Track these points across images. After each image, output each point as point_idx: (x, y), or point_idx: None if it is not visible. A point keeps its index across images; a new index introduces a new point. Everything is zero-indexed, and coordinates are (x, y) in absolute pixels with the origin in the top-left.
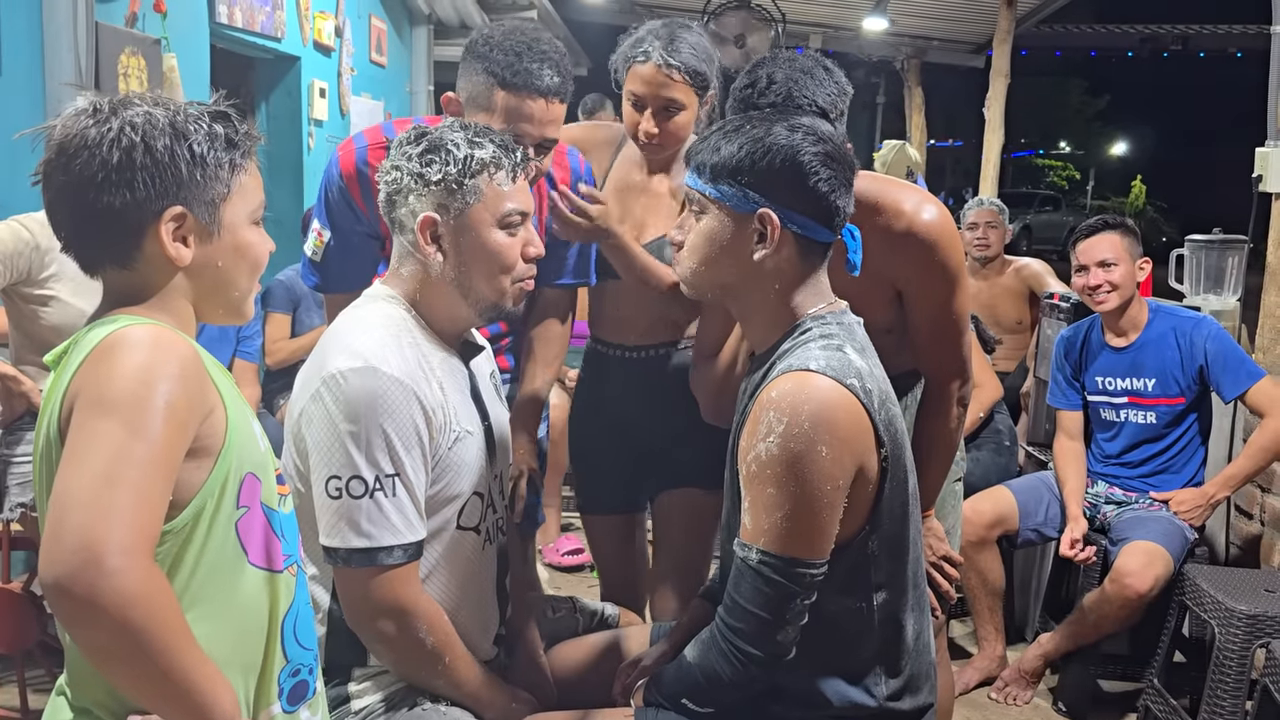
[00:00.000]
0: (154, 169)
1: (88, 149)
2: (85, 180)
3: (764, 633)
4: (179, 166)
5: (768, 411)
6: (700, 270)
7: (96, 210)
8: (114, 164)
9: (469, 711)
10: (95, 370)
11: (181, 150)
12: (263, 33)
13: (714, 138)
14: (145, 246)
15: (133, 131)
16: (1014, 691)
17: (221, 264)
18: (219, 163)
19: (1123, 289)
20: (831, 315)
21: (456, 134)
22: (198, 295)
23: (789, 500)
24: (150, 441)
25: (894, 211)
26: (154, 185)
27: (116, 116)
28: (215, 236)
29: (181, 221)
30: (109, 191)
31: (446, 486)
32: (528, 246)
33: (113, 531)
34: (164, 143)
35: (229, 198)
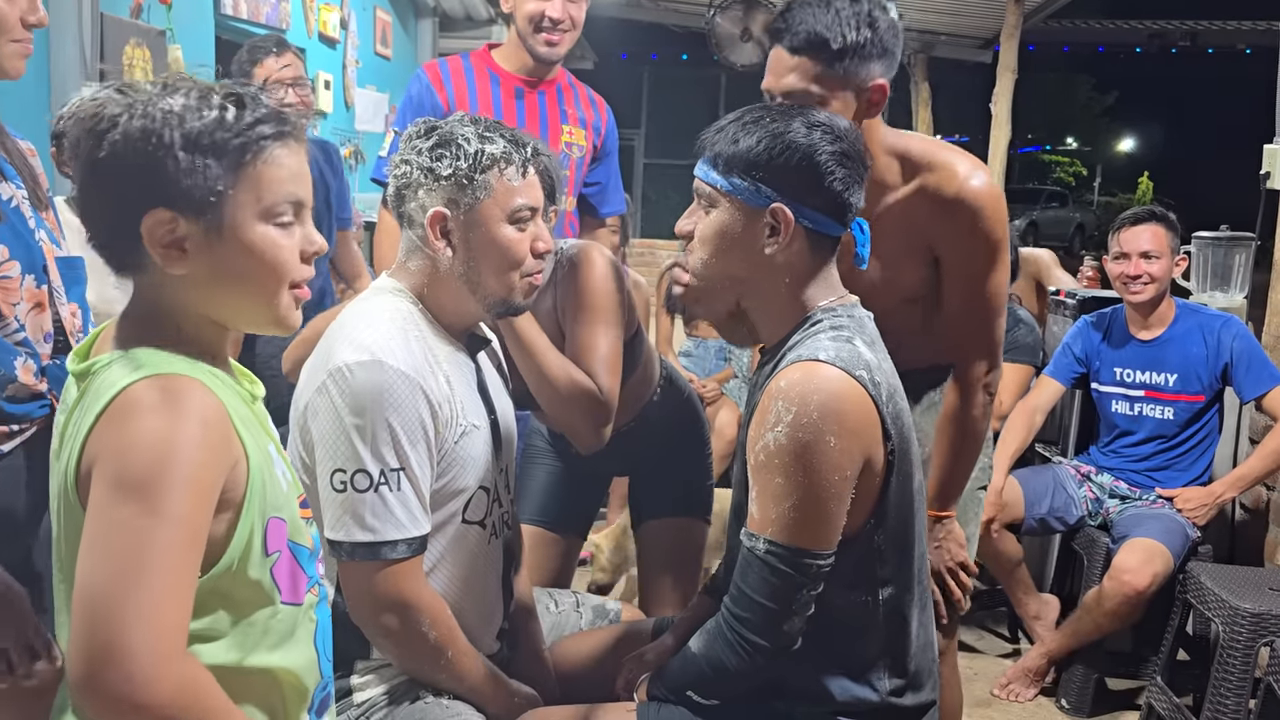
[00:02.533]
0: (134, 166)
1: (90, 137)
2: (80, 175)
3: (770, 623)
4: (162, 162)
5: (776, 401)
6: (711, 263)
7: (91, 213)
8: (100, 159)
9: (471, 705)
10: (111, 437)
11: (169, 140)
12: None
13: (730, 129)
14: (146, 252)
15: (124, 119)
16: (1017, 689)
17: (233, 271)
18: (218, 154)
19: (1160, 282)
20: (842, 308)
21: (467, 129)
22: (219, 307)
23: (797, 490)
24: (175, 522)
25: (948, 173)
26: (136, 184)
27: (119, 103)
28: (220, 241)
29: (172, 226)
30: (96, 190)
31: (452, 480)
32: (537, 242)
33: (144, 637)
34: (149, 131)
35: (232, 196)
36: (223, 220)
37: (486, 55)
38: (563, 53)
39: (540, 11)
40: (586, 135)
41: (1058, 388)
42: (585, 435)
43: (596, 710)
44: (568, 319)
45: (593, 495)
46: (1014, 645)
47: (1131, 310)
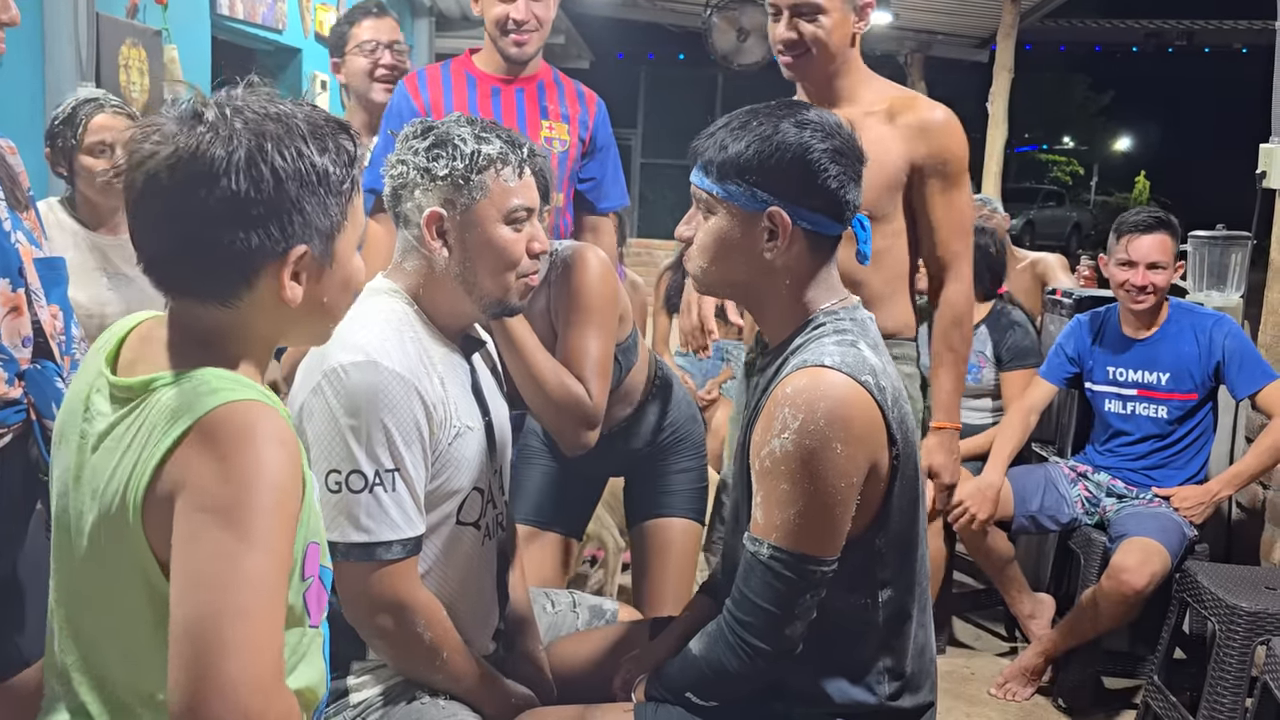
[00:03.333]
0: (282, 202)
1: (210, 173)
2: (204, 210)
3: (772, 627)
4: (306, 199)
5: (783, 407)
6: (711, 269)
7: (213, 245)
8: (240, 196)
9: (467, 706)
10: (203, 464)
11: (310, 176)
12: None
13: (719, 134)
14: (257, 285)
15: (262, 155)
16: (1014, 688)
17: (328, 300)
18: (340, 188)
19: (1163, 292)
20: (844, 310)
21: (463, 129)
22: (293, 330)
23: (802, 496)
24: (271, 551)
25: (911, 97)
26: (280, 221)
27: (245, 130)
28: (327, 271)
29: (302, 260)
30: (229, 227)
31: (447, 482)
32: (533, 242)
33: (248, 667)
34: (293, 167)
35: (344, 226)
36: (335, 253)
37: (466, 59)
38: (531, 52)
39: (505, 14)
40: (570, 130)
41: (1051, 388)
42: (571, 438)
43: (594, 710)
44: (560, 321)
45: (588, 495)
46: (1011, 644)
47: (1125, 310)
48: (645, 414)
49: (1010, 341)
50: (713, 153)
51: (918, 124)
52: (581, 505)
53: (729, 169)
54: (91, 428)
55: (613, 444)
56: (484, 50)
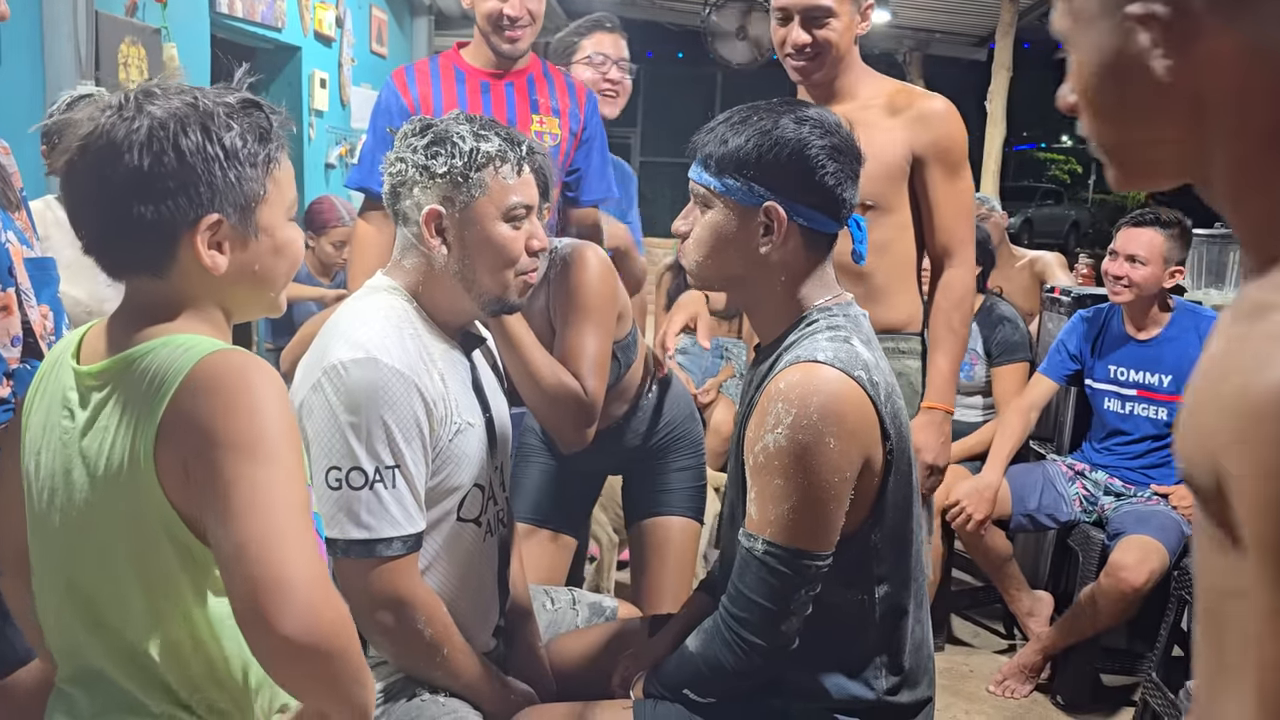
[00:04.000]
0: (186, 175)
1: (115, 151)
2: (113, 186)
3: (768, 623)
4: (212, 170)
5: (776, 403)
6: (706, 263)
7: (127, 218)
8: (145, 170)
9: (467, 703)
10: (206, 405)
11: (214, 151)
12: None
13: (720, 129)
14: (179, 255)
15: (163, 132)
16: (1013, 685)
17: (259, 267)
18: (253, 161)
19: (1141, 289)
20: (838, 307)
21: (462, 126)
22: (232, 299)
23: (796, 492)
24: (294, 473)
25: (909, 89)
26: (187, 193)
27: (143, 113)
28: (252, 240)
29: (217, 229)
30: (140, 200)
31: (447, 478)
32: (531, 240)
33: (307, 573)
34: (196, 143)
35: (265, 197)
36: (258, 223)
37: (455, 54)
38: (524, 48)
39: (498, 10)
40: (561, 124)
41: (1051, 385)
42: (567, 435)
43: (593, 707)
44: (558, 319)
45: (587, 493)
46: (1009, 641)
47: (1124, 309)
48: (644, 412)
49: (1000, 336)
50: (712, 147)
51: (917, 114)
52: (580, 503)
53: (728, 163)
54: (74, 422)
55: (611, 442)
56: (473, 45)
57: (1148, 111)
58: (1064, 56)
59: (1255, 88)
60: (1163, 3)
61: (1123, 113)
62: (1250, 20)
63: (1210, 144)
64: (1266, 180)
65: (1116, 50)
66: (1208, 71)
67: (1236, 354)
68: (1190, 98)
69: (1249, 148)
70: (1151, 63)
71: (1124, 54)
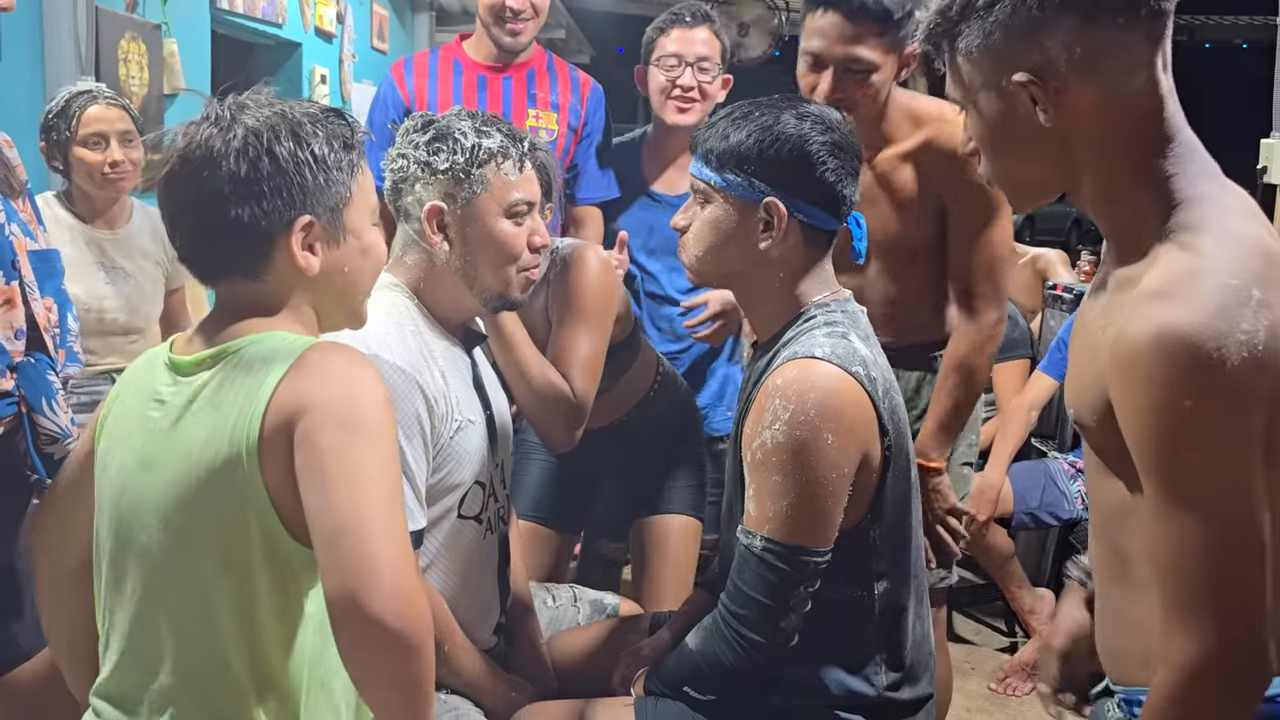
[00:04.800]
0: (279, 177)
1: (213, 160)
2: (212, 193)
3: (767, 619)
4: (304, 174)
5: (773, 399)
6: (705, 259)
7: (224, 223)
8: (241, 175)
9: (469, 700)
10: (316, 389)
11: (305, 156)
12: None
13: (721, 124)
14: (274, 257)
15: (257, 141)
16: (1014, 683)
17: (348, 269)
18: (340, 165)
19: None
20: (836, 303)
21: (464, 123)
22: (321, 302)
23: (794, 488)
24: (393, 459)
25: (956, 125)
26: (282, 195)
27: (238, 124)
28: (341, 241)
29: (309, 230)
30: (236, 204)
31: (448, 475)
32: (533, 236)
33: (397, 557)
34: (288, 149)
35: (351, 200)
36: (346, 225)
37: (456, 46)
38: (525, 41)
39: (501, 2)
40: (560, 119)
41: (1052, 383)
42: (555, 435)
43: (594, 705)
44: (554, 318)
45: (587, 491)
46: (1011, 639)
47: None
48: (647, 411)
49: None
50: (713, 143)
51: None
52: (581, 501)
53: (728, 158)
54: (164, 410)
55: (614, 440)
56: (475, 37)
57: (1032, 152)
58: None
59: (1110, 124)
60: (1036, 71)
61: (1014, 154)
62: (1100, 77)
63: (1080, 168)
64: (1125, 194)
65: (1004, 110)
66: (1075, 118)
67: (1114, 316)
68: (1063, 138)
69: (1110, 170)
70: (1034, 115)
71: (1010, 112)
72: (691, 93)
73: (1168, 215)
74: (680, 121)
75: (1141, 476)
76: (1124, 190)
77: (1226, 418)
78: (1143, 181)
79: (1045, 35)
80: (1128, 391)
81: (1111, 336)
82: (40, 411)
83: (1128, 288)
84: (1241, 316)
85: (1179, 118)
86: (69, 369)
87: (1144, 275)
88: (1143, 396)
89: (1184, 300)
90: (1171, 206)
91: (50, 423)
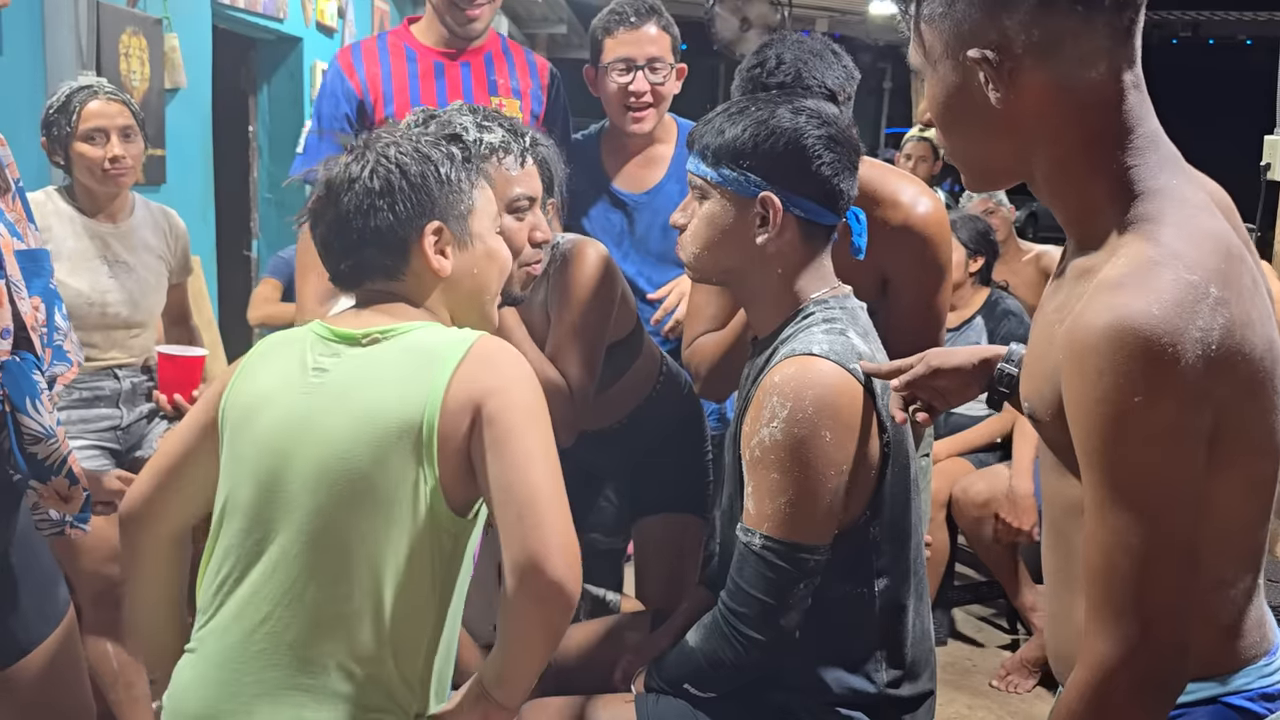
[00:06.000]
0: (410, 190)
1: (353, 183)
2: (354, 209)
3: (767, 617)
4: (430, 185)
5: (771, 396)
6: (703, 255)
7: (367, 232)
8: (377, 190)
9: None
10: (497, 375)
11: (430, 171)
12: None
13: (717, 120)
14: (411, 261)
15: (388, 161)
16: (1016, 680)
17: (476, 271)
18: (461, 179)
19: None
20: (835, 299)
21: (465, 118)
22: (455, 303)
23: (792, 485)
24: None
25: (891, 203)
26: (413, 204)
27: (371, 151)
28: (469, 246)
29: (440, 235)
30: (376, 215)
31: None
32: (535, 231)
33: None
34: (416, 167)
35: (475, 209)
36: (472, 230)
37: (405, 30)
38: (482, 27)
39: None
40: (523, 105)
41: None
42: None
43: (594, 701)
44: (553, 314)
45: (590, 490)
46: (1012, 636)
47: None
48: (651, 410)
49: (1005, 331)
50: (710, 139)
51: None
52: (584, 500)
53: (724, 154)
54: (326, 378)
55: (618, 439)
56: (425, 21)
57: (982, 131)
58: None
59: (1062, 112)
60: (993, 48)
61: (965, 132)
62: (1055, 62)
63: (1032, 153)
64: (1077, 180)
65: (959, 84)
66: (1027, 101)
67: (1068, 307)
68: (1015, 120)
69: (1061, 155)
70: (987, 93)
71: (965, 87)
72: (645, 97)
73: (1127, 206)
74: (638, 130)
75: (1082, 470)
76: (1075, 179)
77: (1175, 417)
78: (1097, 171)
79: (1005, 14)
80: (1077, 382)
81: (1066, 327)
82: (24, 411)
83: (1085, 278)
84: (1198, 313)
85: (1141, 109)
86: (56, 368)
87: (1102, 266)
88: (1092, 388)
89: (1141, 293)
90: (1131, 198)
91: (34, 422)
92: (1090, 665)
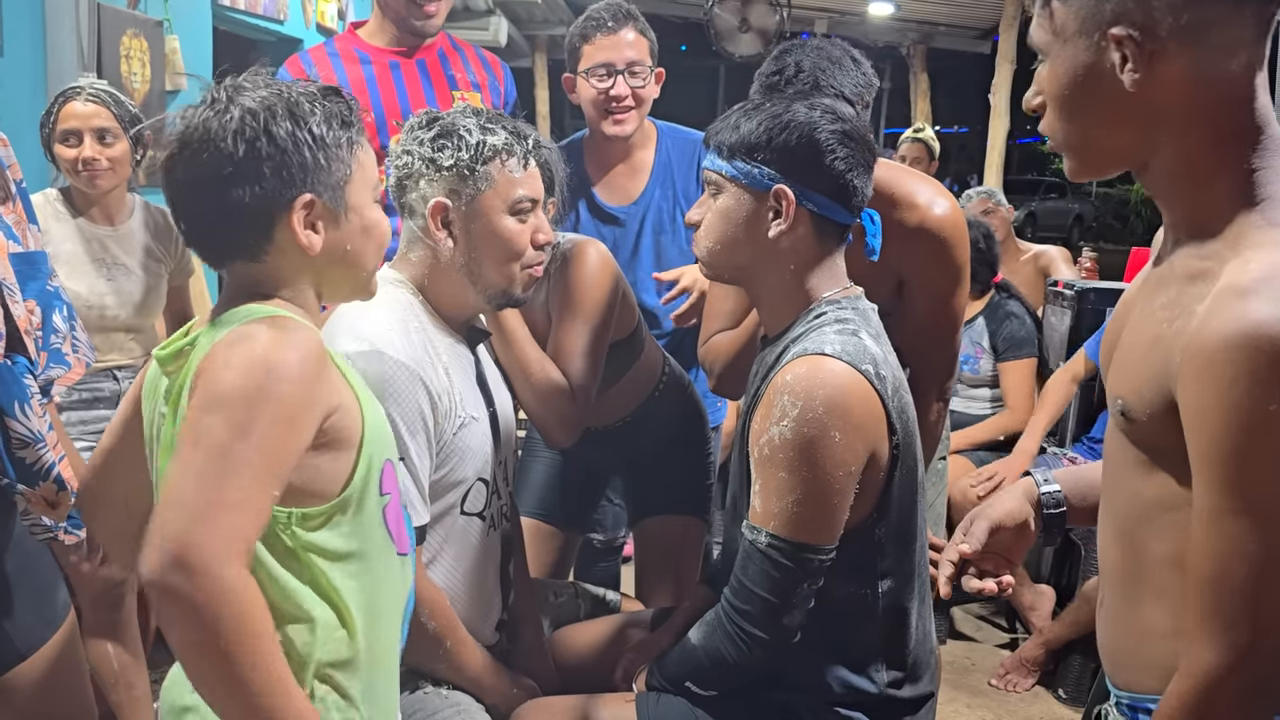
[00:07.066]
0: (279, 158)
1: (211, 142)
2: (211, 175)
3: (770, 616)
4: (303, 152)
5: (781, 395)
6: (716, 250)
7: (225, 205)
8: (239, 156)
9: (471, 696)
10: (211, 365)
11: (303, 134)
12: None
13: (734, 116)
14: (276, 237)
15: (253, 120)
16: (1015, 679)
17: (351, 246)
18: (339, 143)
19: None
20: (847, 300)
21: (469, 120)
22: (324, 279)
23: (800, 485)
24: (253, 440)
25: (908, 204)
26: (281, 174)
27: (235, 105)
28: (343, 219)
29: (311, 208)
30: (237, 185)
31: (451, 472)
32: (537, 233)
33: (205, 536)
34: (286, 128)
35: (351, 178)
36: (348, 202)
37: (352, 36)
38: (439, 24)
39: None
40: (483, 98)
41: (1093, 365)
42: (553, 432)
43: (595, 700)
44: (555, 314)
45: (592, 489)
46: (1011, 635)
47: None
48: (652, 410)
49: (1006, 332)
50: (725, 134)
51: None
52: (586, 500)
53: (739, 148)
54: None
55: (620, 439)
56: (373, 24)
57: (1110, 116)
58: None
59: (1196, 103)
60: (1137, 28)
61: (1089, 115)
62: (1199, 49)
63: (1156, 143)
64: (1201, 177)
65: (1090, 64)
66: (1163, 87)
67: (1180, 306)
68: (1146, 107)
69: (1189, 149)
70: (1120, 76)
71: (1097, 67)
72: (626, 101)
73: (1251, 209)
74: (619, 133)
75: (1195, 477)
76: (1200, 174)
77: None
78: (1224, 169)
79: None
80: (1201, 389)
81: (1181, 329)
82: (12, 415)
83: (1202, 281)
84: None
85: (1268, 112)
86: (52, 371)
87: (1222, 270)
88: (1219, 396)
89: (1274, 301)
90: (1256, 200)
91: (22, 427)
92: (1194, 674)
